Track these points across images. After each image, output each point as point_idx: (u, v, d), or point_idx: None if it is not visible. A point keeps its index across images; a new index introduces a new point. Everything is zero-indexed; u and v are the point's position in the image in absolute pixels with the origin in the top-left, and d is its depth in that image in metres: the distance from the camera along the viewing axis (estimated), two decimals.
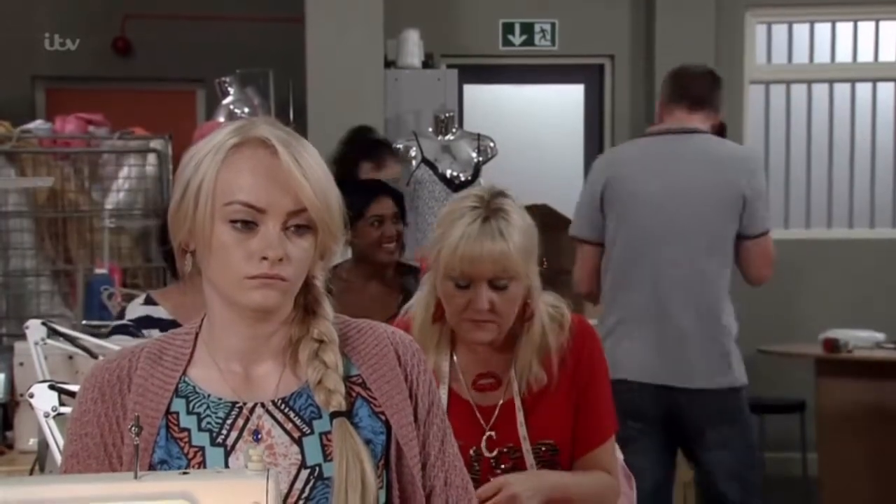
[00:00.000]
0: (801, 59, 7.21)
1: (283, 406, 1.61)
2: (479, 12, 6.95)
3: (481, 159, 5.70)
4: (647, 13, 6.93)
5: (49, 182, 5.18)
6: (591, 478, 2.34)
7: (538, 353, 2.29)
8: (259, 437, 1.59)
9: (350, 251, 3.77)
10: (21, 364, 3.16)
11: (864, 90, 7.18)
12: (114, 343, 2.79)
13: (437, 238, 2.22)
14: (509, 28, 7.00)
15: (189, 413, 1.60)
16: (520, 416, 2.30)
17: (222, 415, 1.60)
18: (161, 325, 3.15)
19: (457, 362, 2.34)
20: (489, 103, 7.02)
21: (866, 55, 7.19)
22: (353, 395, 1.63)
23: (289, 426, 1.60)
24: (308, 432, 1.60)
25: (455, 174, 5.36)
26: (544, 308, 2.30)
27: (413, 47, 6.14)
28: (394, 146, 5.73)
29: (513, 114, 7.01)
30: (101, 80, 7.24)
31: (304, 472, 1.59)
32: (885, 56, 7.19)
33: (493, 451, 2.31)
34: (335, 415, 1.58)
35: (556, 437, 2.31)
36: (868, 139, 7.19)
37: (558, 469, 2.32)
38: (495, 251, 2.16)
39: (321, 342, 1.61)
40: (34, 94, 7.27)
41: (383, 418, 1.64)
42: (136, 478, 1.23)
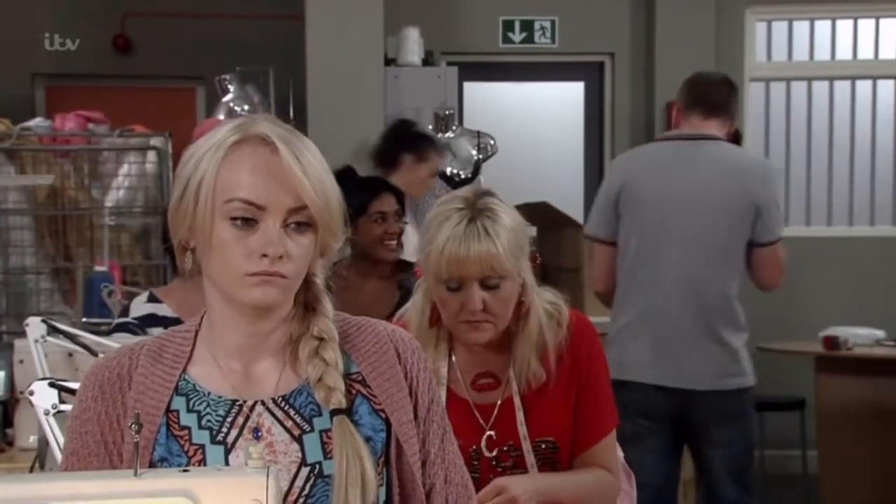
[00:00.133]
0: (802, 56, 7.20)
1: (283, 404, 1.61)
2: (479, 10, 6.95)
3: (481, 157, 5.70)
4: (648, 11, 6.93)
5: (49, 180, 5.18)
6: (590, 476, 2.33)
7: (536, 351, 2.29)
8: (259, 435, 1.59)
9: (347, 248, 3.77)
10: (21, 361, 3.16)
11: (864, 87, 7.18)
12: (115, 341, 2.80)
13: (425, 242, 2.22)
14: (509, 25, 7.00)
15: (189, 411, 1.60)
16: (520, 416, 2.29)
17: (222, 413, 1.60)
18: (165, 323, 3.14)
19: (455, 363, 2.34)
20: (489, 101, 7.02)
21: (866, 52, 7.19)
22: (353, 392, 1.63)
23: (289, 424, 1.60)
24: (308, 430, 1.60)
25: (455, 172, 5.35)
26: (541, 305, 2.30)
27: (413, 45, 6.13)
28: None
29: (513, 111, 7.01)
30: (101, 78, 7.24)
31: (305, 470, 1.59)
32: (886, 53, 7.18)
33: (493, 450, 2.31)
34: (335, 412, 1.58)
35: (556, 434, 2.31)
36: (868, 137, 7.19)
37: (559, 466, 2.32)
38: (482, 251, 2.16)
39: (321, 340, 1.61)
40: (34, 91, 7.26)
41: (383, 416, 1.64)
42: (136, 475, 1.23)
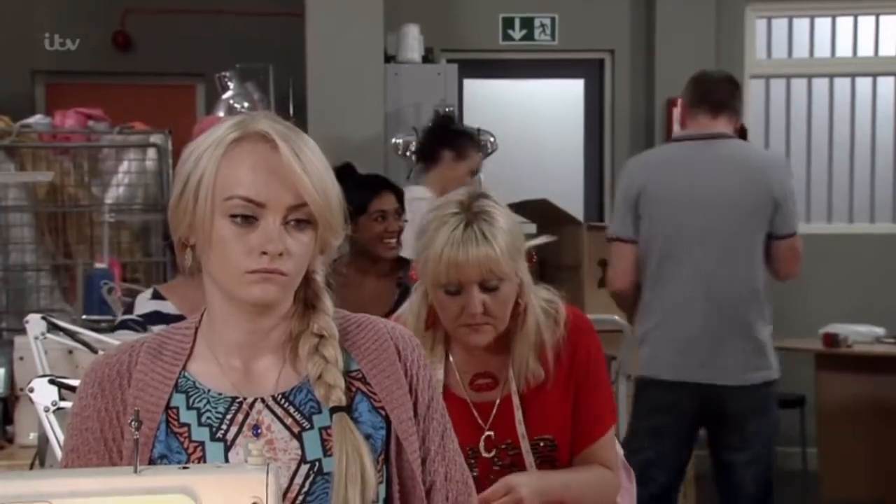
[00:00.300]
0: (802, 53, 7.20)
1: (282, 401, 1.61)
2: (479, 7, 6.95)
3: (481, 154, 5.68)
4: (648, 8, 6.93)
5: (49, 177, 5.18)
6: (591, 474, 2.33)
7: (534, 350, 2.29)
8: (259, 432, 1.59)
9: (346, 246, 3.77)
10: (21, 358, 3.17)
11: (864, 84, 7.17)
12: (116, 338, 2.80)
13: (422, 247, 2.21)
14: (509, 23, 6.99)
15: (189, 408, 1.60)
16: (518, 415, 2.29)
17: (222, 410, 1.60)
18: (169, 320, 3.12)
19: (453, 363, 2.34)
20: (489, 98, 7.01)
21: (866, 50, 7.19)
22: (353, 390, 1.63)
23: (289, 421, 1.60)
24: (308, 427, 1.60)
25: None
26: (538, 303, 2.30)
27: (413, 42, 6.12)
28: (394, 142, 5.72)
29: (513, 109, 7.00)
30: (101, 75, 7.23)
31: (304, 467, 1.59)
32: (886, 50, 7.18)
33: (492, 450, 2.31)
34: (335, 410, 1.58)
35: (555, 432, 2.31)
36: (868, 134, 7.19)
37: (557, 464, 2.33)
38: (480, 255, 2.16)
39: (321, 337, 1.61)
40: (34, 88, 7.26)
41: (383, 413, 1.64)
42: (136, 472, 1.23)
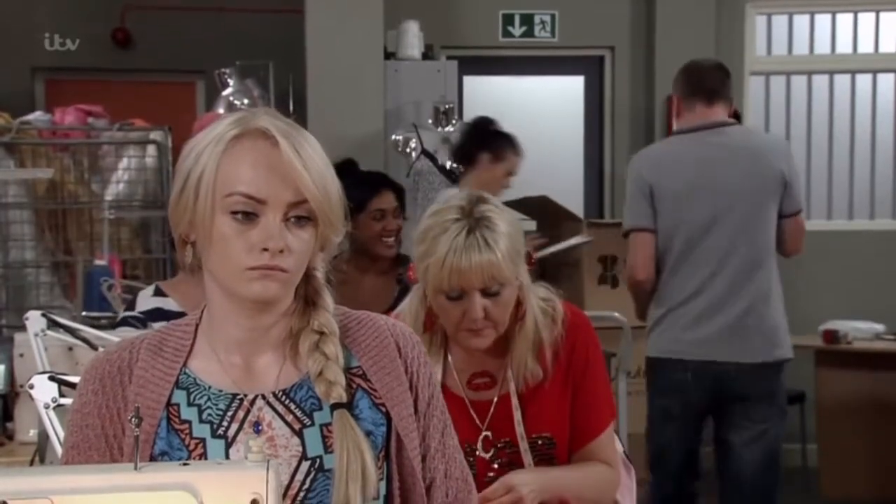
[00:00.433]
0: (802, 50, 7.19)
1: (283, 398, 1.61)
2: (479, 3, 6.94)
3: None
4: (648, 4, 6.92)
5: (49, 173, 5.18)
6: (590, 471, 2.34)
7: (533, 350, 2.29)
8: (260, 429, 1.59)
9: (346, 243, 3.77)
10: (21, 355, 3.17)
11: (864, 81, 7.17)
12: (117, 335, 2.79)
13: (423, 254, 2.20)
14: (509, 19, 6.99)
15: (190, 405, 1.60)
16: (517, 415, 2.29)
17: (223, 407, 1.60)
18: (171, 316, 3.10)
19: (451, 363, 2.34)
20: (489, 95, 7.01)
21: (866, 46, 7.18)
22: (354, 386, 1.63)
23: (289, 418, 1.60)
24: (309, 424, 1.60)
25: (455, 165, 5.34)
26: (536, 303, 2.30)
27: (413, 38, 6.12)
28: (394, 138, 5.72)
29: (513, 105, 6.99)
30: (101, 72, 7.23)
31: (305, 464, 1.59)
32: (886, 47, 7.17)
33: (490, 449, 2.32)
34: (336, 406, 1.58)
35: (553, 430, 2.31)
36: (868, 131, 7.18)
37: (555, 462, 2.33)
38: (483, 262, 2.16)
39: (322, 334, 1.61)
40: (34, 85, 7.26)
41: (384, 410, 1.64)
42: (136, 469, 1.23)
